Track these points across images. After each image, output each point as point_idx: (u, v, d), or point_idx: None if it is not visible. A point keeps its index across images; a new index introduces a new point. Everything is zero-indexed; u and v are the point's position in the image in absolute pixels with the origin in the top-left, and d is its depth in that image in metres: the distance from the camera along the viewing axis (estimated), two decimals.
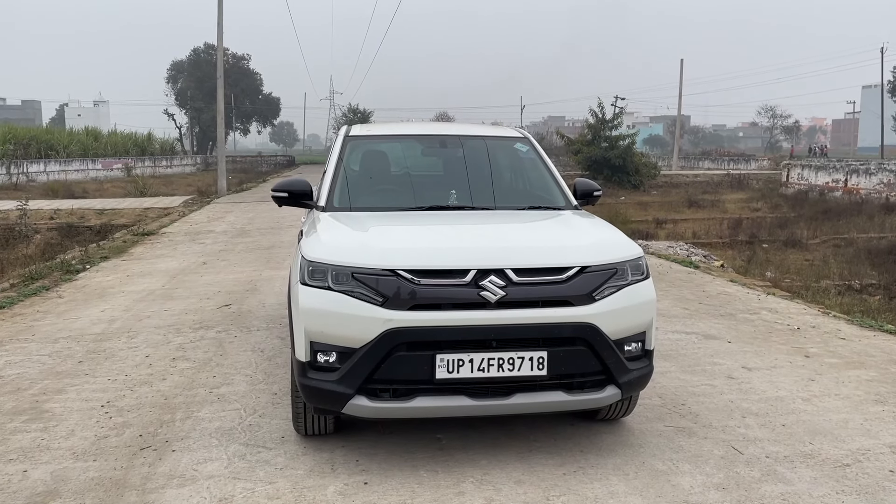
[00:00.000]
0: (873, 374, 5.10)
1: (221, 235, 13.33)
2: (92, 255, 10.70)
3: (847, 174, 24.46)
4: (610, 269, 3.58)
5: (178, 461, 3.69)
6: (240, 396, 4.62)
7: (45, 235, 14.31)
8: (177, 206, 19.60)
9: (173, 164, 46.17)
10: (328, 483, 3.45)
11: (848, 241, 14.44)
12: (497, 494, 3.34)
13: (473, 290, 3.36)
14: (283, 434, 4.02)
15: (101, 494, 3.34)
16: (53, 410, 4.39)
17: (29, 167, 32.12)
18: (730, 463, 3.69)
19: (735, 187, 30.73)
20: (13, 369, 5.18)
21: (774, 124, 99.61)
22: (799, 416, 4.33)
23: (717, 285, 8.47)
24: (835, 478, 3.53)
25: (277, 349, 5.67)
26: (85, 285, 8.40)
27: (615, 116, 31.69)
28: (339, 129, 5.29)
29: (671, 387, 4.82)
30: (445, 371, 3.32)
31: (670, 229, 16.55)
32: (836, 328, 6.41)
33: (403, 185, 4.91)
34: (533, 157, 5.08)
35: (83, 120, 75.25)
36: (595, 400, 3.56)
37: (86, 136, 42.05)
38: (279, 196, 4.60)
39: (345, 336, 3.36)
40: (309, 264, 3.54)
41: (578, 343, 3.44)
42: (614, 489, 3.40)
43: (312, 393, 3.47)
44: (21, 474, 3.55)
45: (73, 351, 5.63)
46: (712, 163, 55.93)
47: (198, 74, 60.64)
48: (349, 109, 74.92)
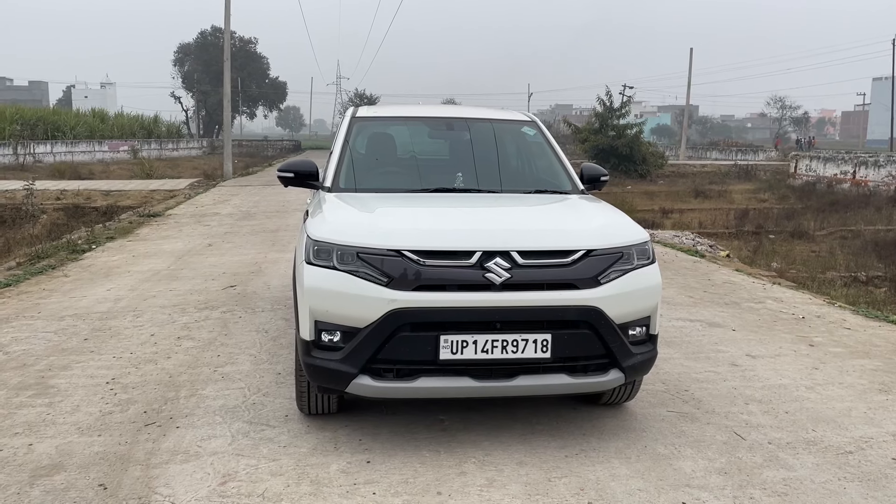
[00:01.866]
0: (878, 364, 5.09)
1: (227, 218, 13.34)
2: (98, 235, 10.73)
3: (855, 166, 24.30)
4: (616, 253, 3.57)
5: (182, 437, 3.71)
6: (244, 375, 4.64)
7: (52, 216, 14.33)
8: (182, 188, 19.61)
9: (179, 147, 46.23)
10: (331, 461, 3.46)
11: (855, 233, 14.36)
12: (499, 475, 3.35)
13: (478, 272, 3.35)
14: (286, 413, 4.03)
15: (105, 468, 3.37)
16: (59, 386, 4.42)
17: (36, 148, 32.21)
18: (732, 448, 3.69)
19: (742, 178, 30.56)
20: (19, 345, 5.21)
21: (783, 115, 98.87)
22: (802, 403, 4.33)
23: (723, 274, 8.45)
24: (837, 464, 3.53)
25: (282, 330, 5.68)
26: (91, 265, 8.43)
27: (623, 105, 31.49)
28: (346, 110, 5.27)
29: (674, 373, 4.82)
30: (449, 352, 3.33)
31: (676, 219, 16.49)
32: (842, 318, 6.39)
33: (410, 166, 4.90)
34: (540, 140, 5.06)
35: (90, 101, 75.22)
36: (598, 383, 3.55)
37: (92, 117, 42.10)
38: (285, 176, 4.59)
39: (349, 315, 3.37)
40: (314, 244, 3.54)
41: (583, 326, 3.44)
42: (616, 472, 3.41)
43: (316, 372, 3.48)
44: (27, 448, 3.57)
45: (78, 329, 5.66)
46: (720, 153, 55.61)
47: (205, 57, 60.55)
48: (356, 94, 74.84)
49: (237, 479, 3.29)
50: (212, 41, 61.13)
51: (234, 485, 3.23)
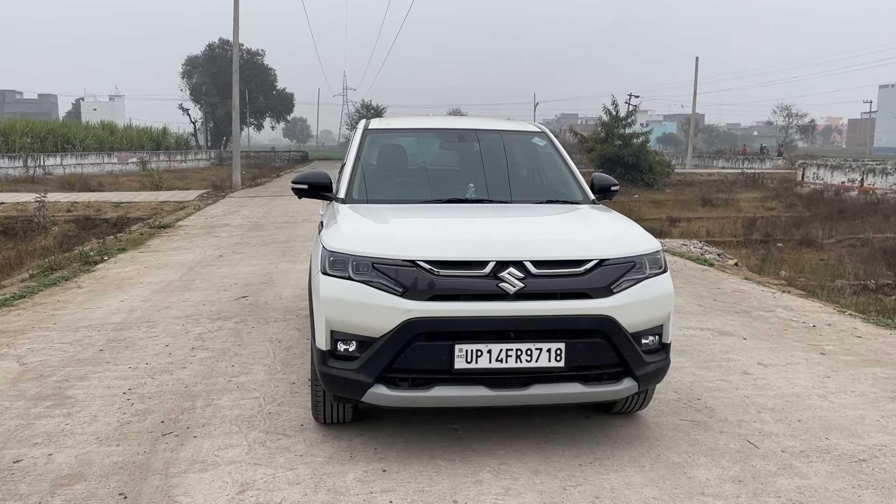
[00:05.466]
0: (890, 372, 5.09)
1: (237, 229, 13.43)
2: (110, 246, 10.82)
3: (863, 174, 24.27)
4: (628, 263, 3.60)
5: (200, 447, 3.75)
6: (259, 385, 4.68)
7: (63, 227, 14.47)
8: (192, 199, 19.74)
9: (188, 159, 46.46)
10: (347, 470, 3.50)
11: (863, 241, 14.35)
12: (514, 483, 3.37)
13: (492, 282, 3.39)
14: (302, 422, 4.07)
15: (125, 478, 3.41)
16: (76, 396, 4.47)
17: (46, 160, 32.45)
18: (745, 457, 3.70)
19: (749, 186, 30.57)
20: (36, 356, 5.26)
21: (790, 123, 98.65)
22: (815, 411, 4.34)
23: (732, 283, 8.45)
24: (851, 472, 3.54)
25: (294, 340, 5.72)
26: (104, 276, 8.50)
27: (629, 114, 31.62)
28: (358, 122, 5.34)
29: (686, 382, 4.84)
30: (464, 361, 3.36)
31: (684, 227, 16.50)
32: (852, 326, 6.39)
33: (421, 178, 4.95)
34: (550, 151, 5.10)
35: (99, 114, 75.59)
36: (612, 392, 3.58)
37: (101, 129, 42.36)
38: (299, 188, 4.65)
39: (365, 325, 3.41)
40: (330, 254, 3.58)
41: (596, 335, 3.47)
42: (630, 480, 3.43)
43: (332, 381, 3.52)
44: (46, 458, 3.62)
45: (93, 339, 5.72)
46: (727, 161, 55.53)
47: (212, 70, 60.92)
48: (362, 106, 75.01)
49: (255, 487, 3.32)
50: (219, 53, 61.53)
51: (253, 493, 3.27)
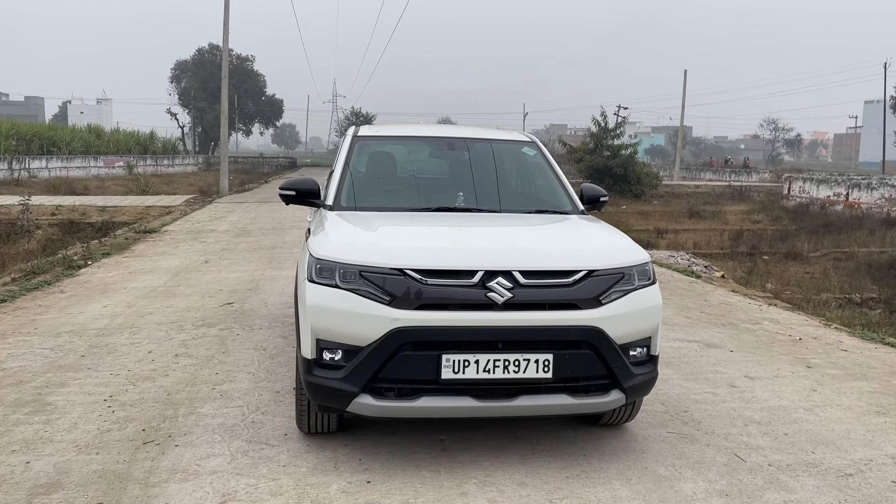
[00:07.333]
0: (875, 386, 5.11)
1: (223, 235, 13.33)
2: (94, 251, 10.71)
3: (848, 188, 24.50)
4: (617, 274, 3.59)
5: (181, 456, 3.68)
6: (242, 394, 4.62)
7: (47, 231, 14.29)
8: (178, 204, 19.61)
9: (175, 164, 46.22)
10: (331, 481, 3.45)
11: (849, 254, 14.44)
12: (500, 496, 3.34)
13: (481, 291, 3.36)
14: (285, 432, 4.01)
15: (104, 487, 3.34)
16: (56, 403, 4.39)
17: (31, 163, 32.18)
18: (732, 470, 3.69)
19: (736, 199, 30.77)
20: (16, 362, 5.17)
21: (776, 137, 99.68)
22: (801, 425, 4.33)
23: (719, 295, 8.48)
24: (837, 487, 3.53)
25: (280, 348, 5.67)
26: (87, 281, 8.40)
27: (618, 125, 31.74)
28: (348, 129, 5.31)
29: (673, 394, 4.82)
30: (451, 371, 3.32)
31: (671, 239, 16.55)
32: (838, 340, 6.42)
33: (410, 186, 4.92)
34: (540, 161, 5.09)
35: (86, 117, 75.30)
36: (599, 404, 3.55)
37: (88, 133, 42.13)
38: (286, 194, 4.61)
39: (351, 334, 3.37)
40: (317, 262, 3.54)
41: (584, 346, 3.45)
42: (617, 493, 3.40)
43: (317, 390, 3.47)
44: (24, 465, 3.54)
45: (75, 345, 5.63)
46: (714, 174, 55.99)
47: (202, 74, 60.77)
48: (352, 113, 75.09)
49: (237, 498, 3.26)
50: (209, 58, 61.40)
51: None
